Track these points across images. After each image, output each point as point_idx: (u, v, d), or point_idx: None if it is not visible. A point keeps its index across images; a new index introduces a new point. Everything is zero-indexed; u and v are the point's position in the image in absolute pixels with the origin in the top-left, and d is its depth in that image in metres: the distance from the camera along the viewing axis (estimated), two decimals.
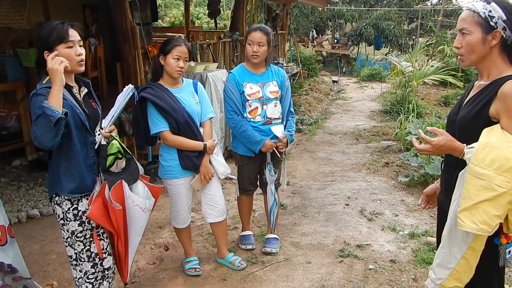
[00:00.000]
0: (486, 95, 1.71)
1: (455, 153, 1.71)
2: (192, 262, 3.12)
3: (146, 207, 2.28)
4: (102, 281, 2.25)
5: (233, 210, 4.04)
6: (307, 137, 7.12)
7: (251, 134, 3.06)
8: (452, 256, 1.74)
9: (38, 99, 1.91)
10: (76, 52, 2.03)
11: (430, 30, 14.26)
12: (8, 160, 5.17)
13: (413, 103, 7.34)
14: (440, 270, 1.79)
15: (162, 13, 18.36)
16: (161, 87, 2.78)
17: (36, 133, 1.85)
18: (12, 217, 3.79)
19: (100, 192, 2.12)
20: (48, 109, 1.82)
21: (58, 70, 1.90)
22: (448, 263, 1.76)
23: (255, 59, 3.07)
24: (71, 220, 2.12)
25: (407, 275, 3.06)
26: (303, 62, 12.09)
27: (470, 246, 1.69)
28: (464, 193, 1.62)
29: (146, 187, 2.34)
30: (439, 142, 1.70)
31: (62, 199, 2.12)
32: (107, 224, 2.14)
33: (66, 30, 2.00)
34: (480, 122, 1.69)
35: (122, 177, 2.18)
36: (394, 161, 5.55)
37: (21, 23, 5.89)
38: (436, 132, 1.73)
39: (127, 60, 4.55)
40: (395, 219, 3.96)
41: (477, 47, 1.71)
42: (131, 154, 2.29)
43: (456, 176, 1.75)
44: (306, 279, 3.04)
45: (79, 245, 2.16)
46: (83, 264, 2.19)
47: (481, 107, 1.71)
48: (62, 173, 2.09)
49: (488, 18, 1.68)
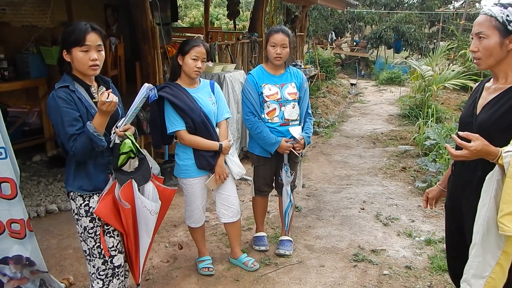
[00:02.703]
0: (509, 99, 1.72)
1: (489, 157, 1.67)
2: (205, 261, 3.13)
3: (153, 210, 2.24)
4: (112, 279, 2.25)
5: (248, 211, 4.04)
6: (324, 140, 7.08)
7: (267, 135, 3.06)
8: (487, 264, 1.71)
9: (60, 104, 1.99)
10: (90, 57, 2.03)
11: (451, 34, 14.03)
12: (29, 155, 5.28)
13: (432, 107, 7.23)
14: (476, 280, 1.74)
15: (182, 14, 18.50)
16: (178, 86, 2.80)
17: (77, 150, 1.99)
18: (31, 211, 3.87)
19: (110, 190, 2.13)
20: (97, 138, 1.97)
21: (108, 112, 2.00)
22: (483, 271, 1.72)
23: (278, 61, 3.06)
24: (83, 216, 2.15)
25: (422, 282, 3.01)
26: (321, 65, 12.04)
27: (503, 250, 1.66)
28: (506, 198, 1.59)
29: (155, 189, 2.30)
30: (477, 147, 1.65)
31: (76, 195, 2.15)
32: (116, 222, 2.13)
33: (84, 34, 2.01)
34: (504, 126, 1.70)
35: (132, 177, 2.17)
36: (411, 166, 5.47)
37: (44, 21, 6.03)
38: (471, 137, 1.68)
39: (146, 59, 4.60)
40: (411, 225, 3.91)
41: (494, 51, 1.73)
42: (143, 154, 2.27)
43: (478, 179, 1.72)
44: (319, 282, 3.02)
45: (90, 241, 2.19)
46: (95, 260, 2.22)
47: (505, 110, 1.71)
48: (74, 170, 2.13)
49: (506, 22, 1.70)
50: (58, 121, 2.00)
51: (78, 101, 2.05)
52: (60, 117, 1.99)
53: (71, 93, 2.04)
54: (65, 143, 2.00)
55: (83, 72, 2.09)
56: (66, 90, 2.03)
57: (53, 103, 2.00)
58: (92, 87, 2.17)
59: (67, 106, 1.99)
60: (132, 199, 2.17)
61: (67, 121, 1.98)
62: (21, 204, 2.32)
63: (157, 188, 2.32)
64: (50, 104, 2.02)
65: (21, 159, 5.18)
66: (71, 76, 2.09)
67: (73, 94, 2.04)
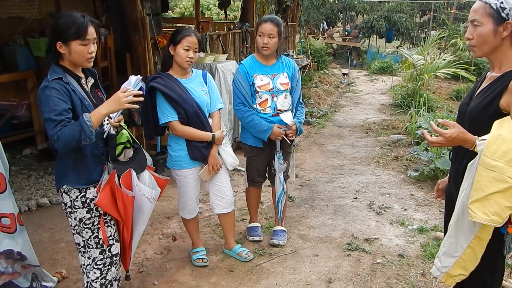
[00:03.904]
0: (497, 87, 1.72)
1: (466, 145, 1.71)
2: (199, 252, 3.13)
3: (152, 197, 2.29)
4: (110, 267, 2.28)
5: (241, 201, 4.03)
6: (316, 130, 7.08)
7: (258, 123, 3.05)
8: (459, 245, 1.76)
9: (52, 94, 1.93)
10: (88, 50, 2.02)
11: (442, 23, 14.04)
12: (19, 148, 5.22)
13: (424, 96, 7.25)
14: (446, 258, 1.81)
15: (172, 4, 18.28)
16: (170, 77, 2.77)
17: (62, 136, 1.88)
18: (22, 205, 3.84)
19: (109, 180, 2.13)
20: (89, 129, 1.89)
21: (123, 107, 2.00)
22: (454, 251, 1.78)
23: (266, 51, 3.04)
24: (79, 208, 2.14)
25: (415, 269, 3.04)
26: (313, 54, 11.98)
27: (476, 235, 1.71)
28: (476, 185, 1.63)
29: (152, 177, 2.36)
30: (452, 135, 1.69)
31: (71, 188, 2.13)
32: (115, 211, 2.15)
33: (86, 27, 1.98)
34: (490, 114, 1.71)
35: (131, 166, 2.20)
36: (404, 155, 5.49)
37: (31, 12, 5.91)
38: (448, 124, 1.73)
39: (137, 50, 4.54)
40: (404, 213, 3.93)
41: (488, 39, 1.72)
42: (139, 143, 2.30)
43: (464, 166, 1.76)
44: (313, 271, 3.03)
45: (87, 232, 2.18)
46: (91, 250, 2.21)
47: (491, 98, 1.72)
48: (70, 165, 2.10)
49: (499, 9, 1.68)
50: (46, 109, 1.92)
51: (73, 93, 2.01)
52: (50, 105, 1.92)
53: (66, 85, 2.00)
54: (51, 128, 1.90)
55: (80, 64, 2.06)
56: (60, 82, 1.98)
57: (46, 92, 1.94)
58: (82, 79, 2.14)
59: (59, 97, 1.95)
60: (130, 188, 2.19)
61: (56, 110, 1.92)
62: (11, 198, 2.30)
63: (153, 176, 2.36)
64: (42, 93, 1.96)
65: (10, 153, 5.11)
66: (61, 67, 2.05)
67: (67, 86, 2.00)
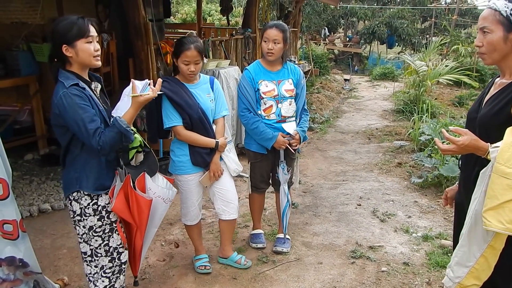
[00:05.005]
0: (508, 94, 1.70)
1: (478, 152, 1.69)
2: (202, 259, 3.09)
3: (168, 198, 2.33)
4: (119, 275, 2.26)
5: (244, 208, 4.00)
6: (319, 136, 7.06)
7: (263, 130, 3.03)
8: (471, 254, 1.73)
9: (77, 101, 1.93)
10: (94, 47, 2.03)
11: (444, 29, 14.09)
12: (21, 154, 5.20)
13: (427, 103, 7.23)
14: (459, 268, 1.78)
15: (174, 10, 18.38)
16: (177, 81, 2.78)
17: (106, 144, 1.96)
18: (24, 211, 3.81)
19: (124, 185, 2.12)
20: (129, 132, 2.00)
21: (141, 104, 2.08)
22: (467, 261, 1.75)
23: (270, 57, 3.03)
24: (90, 215, 2.11)
25: (420, 278, 3.01)
26: (314, 60, 12.01)
27: (490, 244, 1.68)
28: (490, 193, 1.60)
29: (165, 179, 2.39)
30: (464, 142, 1.66)
31: (82, 195, 2.10)
32: (129, 216, 2.14)
33: (87, 25, 2.00)
34: (501, 120, 1.68)
35: (144, 170, 2.21)
36: (407, 161, 5.47)
37: (34, 18, 5.93)
38: (460, 132, 1.71)
39: (140, 56, 4.53)
40: (408, 221, 3.90)
41: (498, 46, 1.71)
42: (149, 147, 2.31)
43: (476, 173, 1.73)
44: (318, 280, 3.00)
45: (96, 241, 2.15)
46: (100, 259, 2.19)
47: (502, 105, 1.70)
48: (85, 170, 2.08)
49: (509, 16, 1.67)
50: (78, 118, 1.92)
51: (90, 98, 2.01)
52: (79, 114, 1.92)
53: (83, 90, 1.98)
54: (90, 139, 1.93)
55: (88, 63, 2.04)
56: (78, 87, 1.96)
57: (69, 101, 1.92)
58: (92, 84, 2.13)
59: (83, 103, 1.95)
60: (145, 191, 2.20)
61: (87, 117, 1.93)
62: (14, 204, 2.27)
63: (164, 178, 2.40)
64: (65, 102, 1.93)
65: (12, 158, 5.08)
66: (70, 72, 2.03)
67: (84, 91, 1.99)
